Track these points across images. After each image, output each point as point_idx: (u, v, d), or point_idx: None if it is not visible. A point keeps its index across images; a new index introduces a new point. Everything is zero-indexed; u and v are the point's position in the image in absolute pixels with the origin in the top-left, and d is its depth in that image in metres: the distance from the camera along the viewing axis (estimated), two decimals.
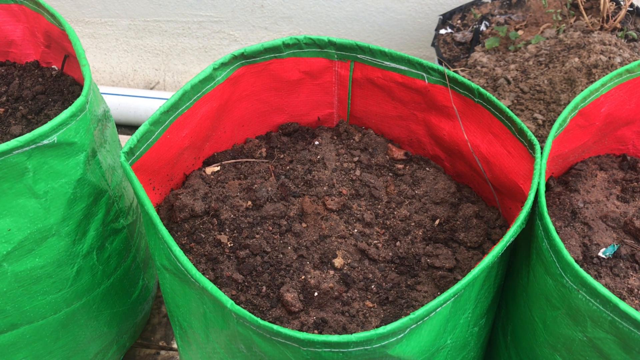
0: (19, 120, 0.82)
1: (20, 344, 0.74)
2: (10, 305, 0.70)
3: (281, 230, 0.66)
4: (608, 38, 1.00)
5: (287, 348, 0.47)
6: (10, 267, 0.67)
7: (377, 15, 1.37)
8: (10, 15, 0.88)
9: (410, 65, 0.71)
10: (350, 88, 0.78)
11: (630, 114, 0.75)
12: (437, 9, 1.32)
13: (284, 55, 0.74)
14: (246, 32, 1.47)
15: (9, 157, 0.61)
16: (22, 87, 0.87)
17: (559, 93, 0.95)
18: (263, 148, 0.78)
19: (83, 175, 0.68)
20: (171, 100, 0.64)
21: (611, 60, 0.96)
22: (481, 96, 0.66)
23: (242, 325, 0.49)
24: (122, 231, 0.80)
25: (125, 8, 1.49)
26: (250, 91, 0.76)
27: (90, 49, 1.58)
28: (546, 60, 1.01)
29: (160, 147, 0.66)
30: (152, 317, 1.03)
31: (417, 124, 0.77)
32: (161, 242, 0.55)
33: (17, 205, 0.65)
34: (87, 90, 0.67)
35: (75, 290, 0.75)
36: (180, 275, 0.55)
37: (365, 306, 0.60)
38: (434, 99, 0.72)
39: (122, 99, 1.44)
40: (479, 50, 1.11)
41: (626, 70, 0.70)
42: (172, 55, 1.56)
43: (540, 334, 0.59)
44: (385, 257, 0.65)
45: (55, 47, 0.87)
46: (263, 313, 0.59)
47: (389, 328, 0.45)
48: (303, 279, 0.61)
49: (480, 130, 0.69)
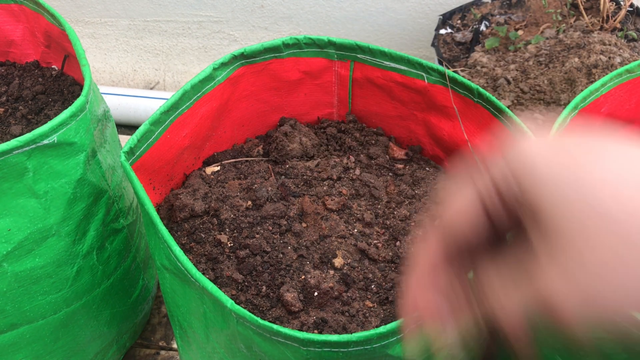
0: (19, 120, 0.82)
1: (20, 344, 0.74)
2: (10, 305, 0.70)
3: (281, 230, 0.66)
4: (608, 38, 1.00)
5: (287, 348, 0.47)
6: (10, 267, 0.67)
7: (377, 15, 1.37)
8: (10, 15, 0.88)
9: (410, 65, 0.71)
10: (351, 88, 0.78)
11: (630, 114, 0.75)
12: (437, 9, 1.32)
13: (284, 55, 0.74)
14: (246, 32, 1.48)
15: (9, 157, 0.61)
16: (22, 87, 0.87)
17: (559, 93, 0.95)
18: (259, 146, 0.78)
19: (83, 175, 0.68)
20: (171, 100, 0.64)
21: (611, 60, 0.96)
22: (481, 96, 0.66)
23: (242, 325, 0.49)
24: (122, 231, 0.80)
25: (125, 8, 1.49)
26: (250, 91, 0.76)
27: (90, 49, 1.58)
28: (546, 60, 1.01)
29: (161, 147, 0.66)
30: (152, 317, 1.03)
31: (417, 124, 0.77)
32: (161, 242, 0.55)
33: (17, 205, 0.65)
34: (87, 90, 0.67)
35: (75, 290, 0.75)
36: (180, 275, 0.55)
37: (365, 306, 0.60)
38: (433, 99, 0.72)
39: (122, 99, 1.44)
40: (479, 50, 1.11)
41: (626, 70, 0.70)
42: (172, 55, 1.56)
43: (540, 334, 0.59)
44: (385, 257, 0.65)
45: (55, 47, 0.87)
46: (263, 313, 0.59)
47: (389, 328, 0.46)
48: (303, 279, 0.61)
49: (480, 130, 0.69)
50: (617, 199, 0.24)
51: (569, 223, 0.25)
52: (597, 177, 0.25)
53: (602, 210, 0.24)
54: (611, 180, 0.25)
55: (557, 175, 0.25)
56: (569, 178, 0.25)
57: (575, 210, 0.25)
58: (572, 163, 0.26)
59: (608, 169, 0.25)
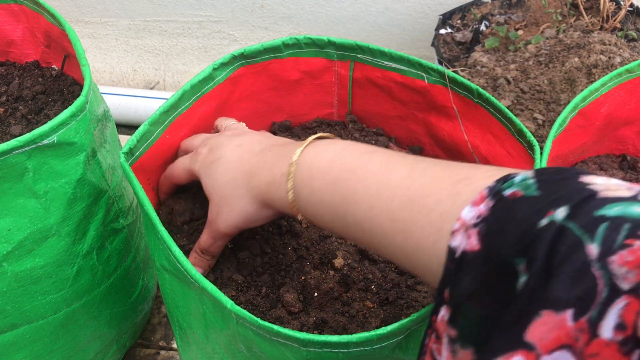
0: (19, 120, 0.82)
1: (20, 344, 0.74)
2: (10, 305, 0.70)
3: (281, 231, 0.66)
4: (608, 38, 1.00)
5: (287, 348, 0.47)
6: (10, 267, 0.67)
7: (377, 15, 1.37)
8: (10, 15, 0.88)
9: (410, 65, 0.71)
10: (350, 88, 0.78)
11: (630, 114, 0.75)
12: (437, 9, 1.32)
13: (284, 55, 0.74)
14: (246, 32, 1.47)
15: (9, 157, 0.61)
16: (22, 87, 0.87)
17: (559, 93, 0.95)
18: None
19: (83, 175, 0.68)
20: (171, 100, 0.64)
21: (611, 60, 0.96)
22: (480, 96, 0.66)
23: (242, 325, 0.49)
24: (122, 231, 0.80)
25: (125, 8, 1.49)
26: (250, 91, 0.76)
27: (90, 49, 1.58)
28: (546, 60, 1.01)
29: (160, 147, 0.66)
30: (152, 317, 1.02)
31: (417, 124, 0.77)
32: (160, 243, 0.55)
33: (17, 205, 0.65)
34: (87, 90, 0.67)
35: (75, 290, 0.75)
36: (179, 275, 0.55)
37: (365, 306, 0.60)
38: (433, 99, 0.72)
39: (122, 99, 1.44)
40: (479, 50, 1.11)
41: (626, 70, 0.70)
42: (172, 55, 1.56)
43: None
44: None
45: (55, 47, 0.87)
46: (263, 313, 0.59)
47: (390, 329, 0.46)
48: (303, 280, 0.61)
49: (480, 130, 0.69)
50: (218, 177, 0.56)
51: (214, 198, 0.55)
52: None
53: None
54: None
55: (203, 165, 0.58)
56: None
57: (215, 193, 0.56)
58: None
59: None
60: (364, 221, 0.43)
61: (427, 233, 0.37)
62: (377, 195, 0.42)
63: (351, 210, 0.44)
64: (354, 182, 0.45)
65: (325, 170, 0.47)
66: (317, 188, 0.47)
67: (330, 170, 0.47)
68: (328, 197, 0.46)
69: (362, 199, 0.43)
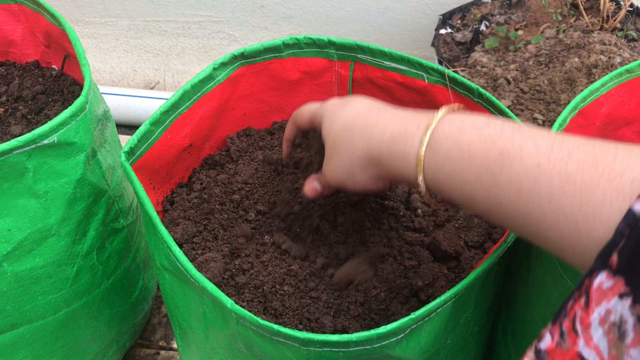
0: (19, 120, 0.82)
1: (20, 344, 0.74)
2: (10, 305, 0.70)
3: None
4: (608, 38, 1.00)
5: (287, 348, 0.47)
6: (10, 267, 0.67)
7: (377, 15, 1.37)
8: (10, 15, 0.88)
9: (410, 65, 0.71)
10: (351, 88, 0.78)
11: (630, 114, 0.75)
12: (437, 9, 1.32)
13: (284, 55, 0.74)
14: (246, 32, 1.48)
15: (9, 157, 0.61)
16: (22, 87, 0.87)
17: (559, 93, 0.95)
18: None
19: (83, 175, 0.68)
20: (171, 100, 0.64)
21: (611, 60, 0.96)
22: (481, 96, 0.66)
23: (242, 325, 0.49)
24: (122, 231, 0.80)
25: (125, 8, 1.49)
26: (250, 91, 0.76)
27: (90, 49, 1.58)
28: (546, 60, 1.01)
29: (161, 147, 0.66)
30: (152, 317, 1.02)
31: None
32: (161, 242, 0.55)
33: (17, 205, 0.65)
34: (87, 90, 0.67)
35: (75, 290, 0.75)
36: (179, 275, 0.55)
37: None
38: (434, 99, 0.72)
39: (122, 99, 1.44)
40: (479, 50, 1.11)
41: (626, 70, 0.70)
42: (172, 55, 1.56)
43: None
44: None
45: (55, 47, 0.87)
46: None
47: (389, 328, 0.45)
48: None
49: None
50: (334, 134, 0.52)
51: (328, 142, 0.53)
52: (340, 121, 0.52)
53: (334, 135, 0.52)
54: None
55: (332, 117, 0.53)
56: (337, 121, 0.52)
57: (330, 137, 0.52)
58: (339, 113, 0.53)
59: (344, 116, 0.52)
60: (526, 180, 0.37)
61: (610, 199, 0.33)
62: (549, 152, 0.37)
63: (511, 165, 0.38)
64: (520, 136, 0.39)
65: (482, 125, 0.42)
66: (467, 139, 0.42)
67: (488, 123, 0.42)
68: (483, 149, 0.40)
69: (528, 153, 0.38)
